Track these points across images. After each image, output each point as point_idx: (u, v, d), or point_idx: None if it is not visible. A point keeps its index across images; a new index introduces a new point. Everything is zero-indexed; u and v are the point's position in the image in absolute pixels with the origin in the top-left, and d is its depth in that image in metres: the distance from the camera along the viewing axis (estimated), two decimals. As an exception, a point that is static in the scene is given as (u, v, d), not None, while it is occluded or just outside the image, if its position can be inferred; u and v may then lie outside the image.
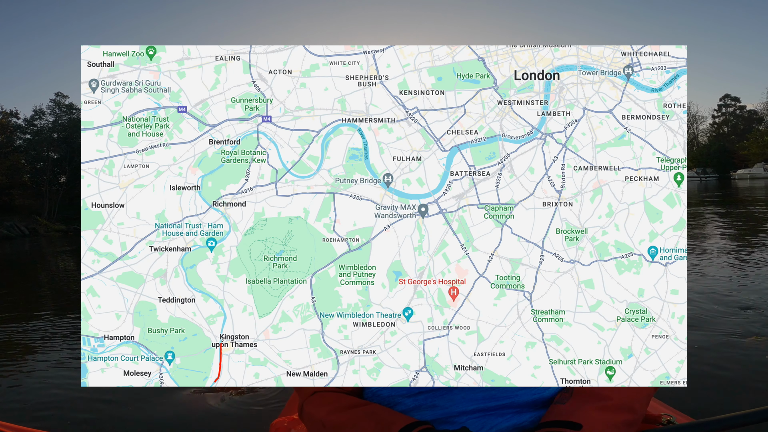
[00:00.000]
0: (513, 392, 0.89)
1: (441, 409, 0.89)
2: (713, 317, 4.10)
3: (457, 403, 0.89)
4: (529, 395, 0.90)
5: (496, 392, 0.89)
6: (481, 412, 0.89)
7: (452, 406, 0.89)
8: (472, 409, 0.89)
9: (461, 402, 0.89)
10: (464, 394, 0.90)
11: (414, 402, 0.91)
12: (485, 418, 0.88)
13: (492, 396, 0.89)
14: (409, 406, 0.91)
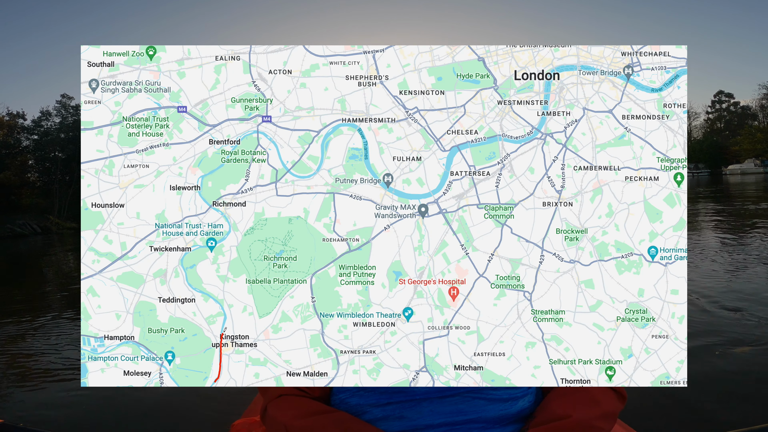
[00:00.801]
0: (481, 407, 0.89)
1: (408, 421, 0.88)
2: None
3: (425, 416, 0.88)
4: (496, 411, 0.89)
5: (464, 407, 0.89)
6: (448, 426, 0.88)
7: (420, 418, 0.88)
8: (439, 422, 0.88)
9: (429, 415, 0.88)
10: (432, 407, 0.89)
11: (382, 412, 0.90)
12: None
13: (460, 411, 0.89)
14: (377, 415, 0.90)
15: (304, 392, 0.93)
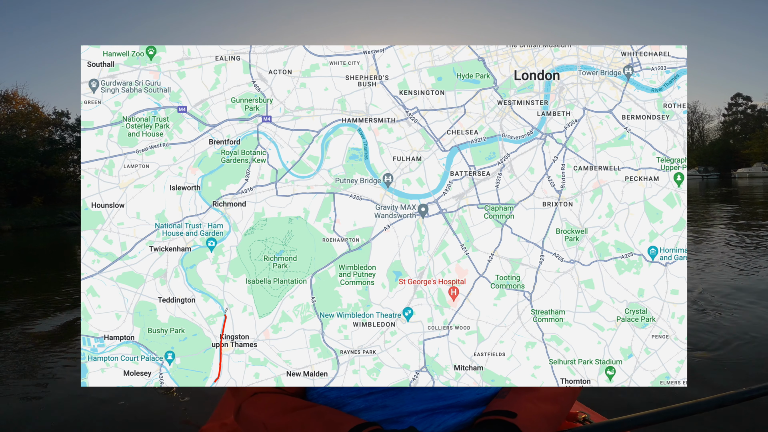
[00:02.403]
0: (459, 392, 0.91)
1: (391, 409, 0.89)
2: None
3: (407, 404, 0.90)
4: (473, 395, 0.91)
5: (443, 392, 0.91)
6: (429, 412, 0.89)
7: (402, 406, 0.89)
8: (422, 409, 0.89)
9: (411, 402, 0.90)
10: (414, 394, 0.90)
11: (364, 402, 0.90)
12: (432, 417, 0.89)
13: (440, 396, 0.90)
14: (359, 406, 0.90)
15: (279, 389, 0.93)
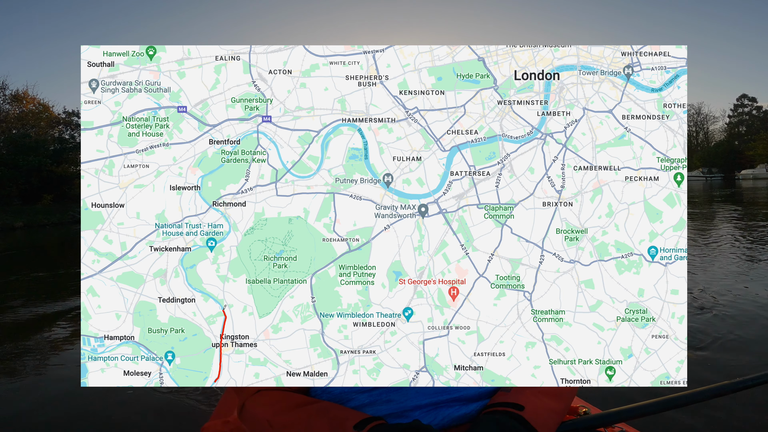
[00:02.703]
0: (463, 386, 0.91)
1: (396, 404, 0.90)
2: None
3: (411, 398, 0.90)
4: (476, 389, 0.93)
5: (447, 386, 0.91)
6: (433, 405, 0.90)
7: (406, 400, 0.90)
8: (426, 402, 0.90)
9: (415, 396, 0.91)
10: (418, 389, 0.91)
11: (369, 397, 0.91)
12: (437, 411, 0.90)
13: (444, 390, 0.92)
14: (364, 401, 0.91)
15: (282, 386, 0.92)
